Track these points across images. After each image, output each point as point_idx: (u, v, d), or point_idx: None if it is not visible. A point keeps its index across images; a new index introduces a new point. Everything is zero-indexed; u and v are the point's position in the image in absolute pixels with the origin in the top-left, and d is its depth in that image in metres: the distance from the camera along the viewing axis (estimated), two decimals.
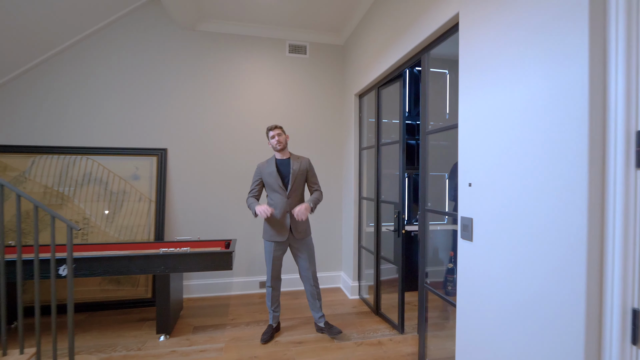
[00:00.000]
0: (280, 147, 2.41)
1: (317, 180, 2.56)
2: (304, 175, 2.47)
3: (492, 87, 1.39)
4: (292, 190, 2.42)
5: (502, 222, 1.33)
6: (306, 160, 2.52)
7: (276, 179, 2.40)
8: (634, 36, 0.93)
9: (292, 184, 2.41)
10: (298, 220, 2.36)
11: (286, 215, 2.40)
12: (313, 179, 2.53)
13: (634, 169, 0.94)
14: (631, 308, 0.93)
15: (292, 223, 2.41)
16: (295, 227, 2.41)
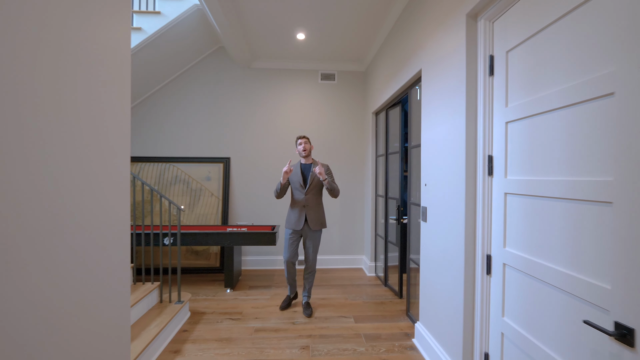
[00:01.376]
0: (306, 154, 2.91)
1: (335, 181, 3.06)
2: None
3: (434, 122, 2.18)
4: (310, 188, 2.90)
5: (439, 208, 2.11)
6: (325, 166, 3.01)
7: (299, 178, 2.91)
8: (487, 103, 1.69)
9: (310, 183, 2.90)
10: (316, 173, 2.74)
11: (303, 209, 2.91)
12: (331, 179, 2.97)
13: (487, 176, 1.70)
14: (486, 254, 1.70)
15: (308, 216, 2.90)
16: (311, 219, 2.90)
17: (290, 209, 2.97)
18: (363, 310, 3.01)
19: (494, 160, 1.66)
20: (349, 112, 4.47)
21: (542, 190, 1.30)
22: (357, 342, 2.43)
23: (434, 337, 2.18)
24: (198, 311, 2.97)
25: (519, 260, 1.44)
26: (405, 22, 2.81)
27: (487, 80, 1.69)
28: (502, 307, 1.59)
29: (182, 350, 2.29)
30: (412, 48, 2.62)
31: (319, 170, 2.72)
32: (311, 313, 2.92)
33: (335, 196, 2.89)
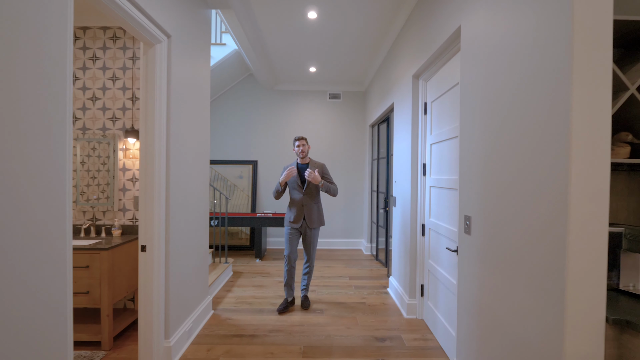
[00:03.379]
0: (302, 156, 2.95)
1: (332, 180, 3.07)
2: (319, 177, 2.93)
3: (398, 140, 3.26)
4: (308, 188, 2.95)
5: (401, 198, 3.20)
6: (321, 165, 3.02)
7: (296, 179, 2.95)
8: (422, 131, 2.77)
9: (307, 183, 2.93)
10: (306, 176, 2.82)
11: (302, 208, 2.96)
12: (328, 177, 3.03)
13: (422, 176, 2.78)
14: (422, 224, 2.78)
15: (306, 215, 2.95)
16: (309, 217, 2.95)
17: (288, 208, 3.03)
18: (356, 274, 4.11)
19: (426, 166, 2.74)
20: (352, 124, 5.57)
21: (441, 183, 2.38)
22: (349, 289, 3.54)
23: (397, 281, 3.28)
24: (238, 271, 4.16)
25: (433, 224, 2.53)
26: (388, 62, 3.89)
27: (422, 117, 2.77)
28: (428, 254, 2.68)
29: (232, 289, 3.48)
30: (390, 85, 3.70)
31: (310, 174, 2.80)
32: (309, 305, 3.03)
33: (333, 195, 2.99)
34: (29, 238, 1.06)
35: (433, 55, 2.35)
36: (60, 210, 1.18)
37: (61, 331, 1.18)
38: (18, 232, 1.02)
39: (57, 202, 1.16)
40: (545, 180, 1.20)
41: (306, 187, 2.95)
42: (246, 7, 3.00)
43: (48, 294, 1.13)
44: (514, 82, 1.39)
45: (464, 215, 1.86)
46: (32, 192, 1.07)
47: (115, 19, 1.63)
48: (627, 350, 1.12)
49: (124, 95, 2.58)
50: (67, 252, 1.20)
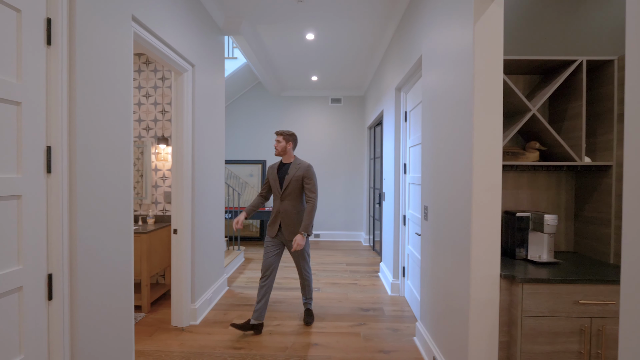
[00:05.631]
0: (276, 153, 2.53)
1: (314, 189, 2.47)
2: (299, 181, 2.47)
3: (386, 143, 3.75)
4: (286, 194, 2.49)
5: (389, 193, 3.69)
6: (305, 166, 2.50)
7: (275, 181, 2.55)
8: (403, 136, 3.25)
9: (284, 188, 2.48)
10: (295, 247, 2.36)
11: (278, 216, 2.51)
12: (308, 186, 2.47)
13: (403, 174, 3.26)
14: (403, 215, 3.27)
15: (283, 225, 2.51)
16: (286, 228, 2.50)
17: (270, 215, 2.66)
18: (353, 261, 4.62)
19: (406, 165, 3.22)
20: (352, 126, 6.05)
21: (415, 180, 2.87)
22: (344, 273, 4.06)
23: (385, 265, 3.77)
24: (249, 257, 4.73)
25: (411, 215, 3.02)
26: (379, 74, 4.37)
27: (404, 124, 3.25)
28: (407, 240, 3.17)
29: (244, 272, 4.04)
30: (380, 93, 4.18)
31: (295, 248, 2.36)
32: (312, 321, 2.64)
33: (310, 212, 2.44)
34: (115, 224, 1.61)
35: (408, 73, 2.83)
36: (129, 203, 1.73)
37: (128, 291, 1.74)
38: (115, 220, 1.58)
39: (127, 196, 1.71)
40: (461, 177, 1.69)
41: (284, 192, 2.50)
42: (254, 33, 3.52)
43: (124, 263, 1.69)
44: (448, 108, 1.88)
45: (423, 206, 2.34)
46: (118, 190, 1.62)
47: (156, 58, 2.18)
48: (514, 296, 1.60)
49: (155, 109, 3.15)
50: (131, 235, 1.76)
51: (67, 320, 1.34)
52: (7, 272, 1.14)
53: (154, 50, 2.05)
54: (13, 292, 1.17)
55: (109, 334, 1.59)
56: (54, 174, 1.30)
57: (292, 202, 2.51)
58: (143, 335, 2.44)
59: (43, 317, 1.28)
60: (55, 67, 1.30)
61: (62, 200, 1.31)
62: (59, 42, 1.31)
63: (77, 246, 1.38)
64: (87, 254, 1.43)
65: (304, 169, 2.50)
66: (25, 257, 1.20)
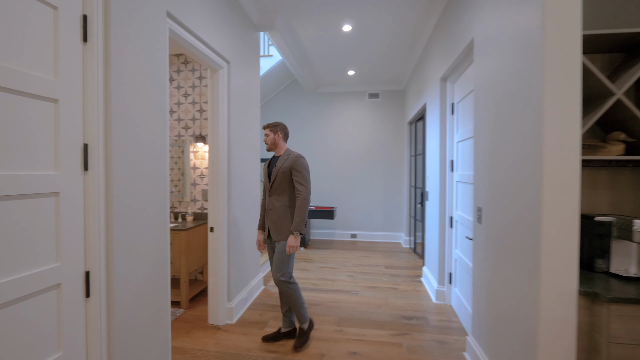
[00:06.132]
0: (267, 148, 2.34)
1: (304, 181, 2.21)
2: (286, 173, 2.24)
3: (430, 138, 3.49)
4: (273, 188, 2.28)
5: (433, 192, 3.44)
6: (293, 157, 2.25)
7: (265, 176, 2.38)
8: (450, 130, 2.99)
9: (272, 181, 2.28)
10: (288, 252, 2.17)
11: (266, 214, 2.33)
12: (296, 178, 2.22)
13: (450, 172, 3.00)
14: (450, 216, 3.02)
15: (268, 222, 2.30)
16: (271, 225, 2.26)
17: None
18: (392, 264, 4.41)
19: (453, 162, 2.96)
20: (391, 122, 5.80)
21: (464, 178, 2.62)
22: (383, 276, 3.86)
23: (429, 270, 3.53)
24: None
25: (459, 216, 2.76)
26: (421, 65, 4.10)
27: (450, 117, 2.99)
28: (455, 244, 2.91)
29: None
30: (422, 85, 3.92)
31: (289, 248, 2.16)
32: (300, 346, 2.26)
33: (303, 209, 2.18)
34: (152, 221, 1.59)
35: (455, 61, 2.58)
36: (165, 200, 1.71)
37: (165, 288, 1.72)
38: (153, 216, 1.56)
39: (163, 193, 1.69)
40: (526, 175, 1.45)
41: (272, 186, 2.29)
42: (289, 27, 3.44)
43: (161, 261, 1.67)
44: (509, 95, 1.64)
45: (476, 207, 2.10)
46: (154, 187, 1.60)
47: (192, 55, 2.16)
48: (596, 318, 1.34)
49: (193, 108, 3.19)
50: (167, 232, 1.73)
51: (104, 317, 1.33)
52: (46, 269, 1.13)
53: (188, 46, 2.02)
54: (51, 289, 1.16)
55: (146, 331, 1.57)
56: (90, 171, 1.28)
57: (279, 196, 2.27)
58: (181, 332, 2.45)
59: (81, 314, 1.27)
60: (91, 64, 1.28)
61: (98, 198, 1.30)
62: (95, 38, 1.29)
63: (114, 243, 1.36)
64: (123, 251, 1.42)
65: (292, 160, 2.24)
66: (63, 255, 1.19)
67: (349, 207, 5.93)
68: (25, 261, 1.08)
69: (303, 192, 2.20)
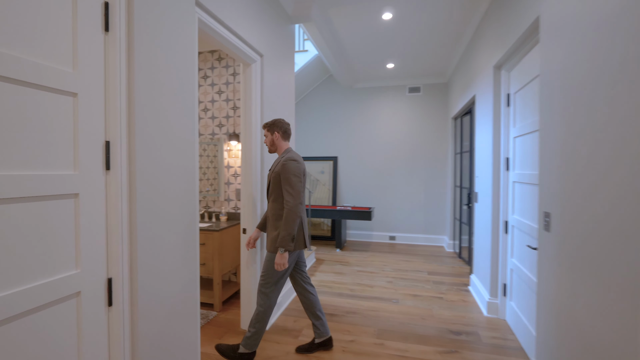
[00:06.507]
0: (269, 151, 2.13)
1: (291, 188, 1.92)
2: (277, 178, 2.00)
3: (480, 133, 3.14)
4: (269, 193, 2.07)
5: (483, 193, 3.09)
6: (283, 160, 1.99)
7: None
8: (505, 124, 2.64)
9: (267, 186, 2.11)
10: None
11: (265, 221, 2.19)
12: (284, 185, 1.95)
13: (505, 171, 2.66)
14: (504, 220, 2.67)
15: (265, 230, 2.21)
16: (267, 234, 2.08)
17: None
18: (436, 270, 4.08)
19: (509, 160, 2.61)
20: (433, 117, 5.43)
21: (524, 178, 2.28)
22: (426, 283, 3.57)
23: (479, 279, 3.18)
24: (320, 258, 4.54)
25: (517, 221, 2.42)
26: (469, 53, 3.73)
27: (505, 109, 2.65)
28: (511, 252, 2.57)
29: (315, 274, 3.85)
30: (471, 76, 3.56)
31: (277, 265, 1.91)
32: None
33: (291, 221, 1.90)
34: (179, 223, 1.50)
35: (514, 45, 2.25)
36: (194, 200, 1.61)
37: (193, 294, 1.62)
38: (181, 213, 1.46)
39: (192, 193, 1.59)
40: (629, 176, 1.15)
41: (268, 190, 2.09)
42: (325, 18, 3.27)
43: (189, 265, 1.57)
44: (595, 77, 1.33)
45: (543, 212, 1.79)
46: (182, 187, 1.50)
47: (222, 48, 2.06)
48: None
49: (227, 106, 3.13)
50: (196, 234, 1.64)
51: (127, 327, 1.24)
52: (64, 276, 1.06)
53: (219, 38, 1.91)
54: (71, 298, 1.08)
55: (173, 339, 1.48)
56: (112, 171, 1.20)
57: (273, 202, 2.04)
58: (213, 336, 2.38)
59: (103, 324, 1.19)
60: (113, 55, 1.19)
61: (121, 199, 1.21)
62: (117, 28, 1.20)
63: (138, 248, 1.27)
64: (148, 256, 1.32)
65: (282, 163, 1.97)
66: (83, 261, 1.11)
67: (387, 207, 5.65)
68: (42, 268, 1.00)
69: (290, 202, 1.91)
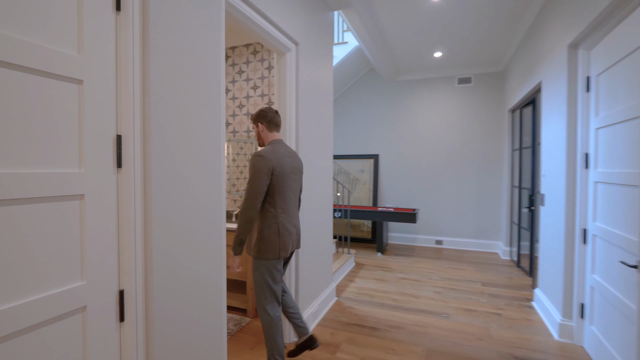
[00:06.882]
0: (258, 144, 1.95)
1: (248, 186, 1.67)
2: None
3: (550, 125, 2.69)
4: None
5: (552, 195, 2.64)
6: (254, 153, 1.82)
7: None
8: (584, 113, 2.20)
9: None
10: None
11: None
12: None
13: (584, 169, 2.21)
14: (582, 228, 2.23)
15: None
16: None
17: None
18: (491, 280, 3.64)
19: (589, 156, 2.17)
20: (485, 110, 4.90)
21: (612, 178, 1.85)
22: (481, 296, 3.16)
23: (546, 295, 2.73)
24: (360, 263, 4.28)
25: (601, 230, 1.99)
26: (533, 34, 3.24)
27: (584, 95, 2.20)
28: (592, 267, 2.13)
29: (354, 280, 3.60)
30: (536, 60, 3.08)
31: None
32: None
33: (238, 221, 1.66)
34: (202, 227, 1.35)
35: (598, 17, 1.82)
36: (219, 201, 1.45)
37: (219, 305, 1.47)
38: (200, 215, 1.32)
39: (217, 193, 1.44)
40: None
41: None
42: (366, 3, 3.00)
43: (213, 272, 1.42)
44: None
45: None
46: (205, 186, 1.36)
47: (253, 35, 1.89)
48: None
49: (262, 101, 3.00)
50: (222, 238, 1.48)
51: (141, 344, 1.10)
52: (66, 289, 0.93)
53: (249, 23, 1.74)
54: (75, 314, 0.96)
55: (195, 355, 1.33)
56: (125, 169, 1.06)
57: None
58: (244, 346, 2.24)
59: (113, 342, 1.06)
60: (126, 37, 1.05)
61: (134, 201, 1.07)
62: (130, 6, 1.06)
63: (153, 255, 1.13)
64: (164, 265, 1.18)
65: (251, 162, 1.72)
66: (90, 271, 0.98)
67: (433, 209, 5.23)
68: (41, 280, 0.88)
69: (243, 202, 1.67)
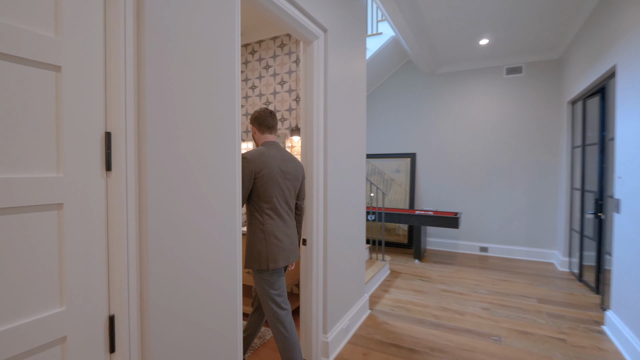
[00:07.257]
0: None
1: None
2: None
3: (628, 117, 2.23)
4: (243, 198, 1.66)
5: (633, 200, 2.19)
6: None
7: None
8: None
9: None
10: None
11: None
12: None
13: None
14: None
15: None
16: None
17: None
18: (548, 296, 3.17)
19: None
20: (539, 103, 4.36)
21: None
22: (538, 316, 2.74)
23: (622, 319, 2.26)
24: (395, 270, 3.96)
25: None
26: (601, 12, 2.75)
27: None
28: None
29: (389, 290, 3.31)
30: (608, 41, 2.59)
31: None
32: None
33: None
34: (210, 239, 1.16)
35: None
36: (234, 209, 1.26)
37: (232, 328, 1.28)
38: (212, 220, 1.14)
39: (232, 200, 1.25)
40: None
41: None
42: None
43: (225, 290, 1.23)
44: None
45: None
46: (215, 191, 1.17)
47: (277, 21, 1.69)
48: None
49: (289, 97, 2.81)
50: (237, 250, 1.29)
51: None
52: (39, 317, 0.77)
53: (268, 4, 1.54)
54: (51, 346, 0.80)
55: None
56: (115, 172, 0.89)
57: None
58: None
59: None
60: (116, 14, 0.88)
61: (126, 210, 0.90)
62: None
63: (149, 275, 0.95)
64: (163, 285, 1.00)
65: None
66: (70, 295, 0.82)
67: (477, 212, 4.76)
68: (7, 308, 0.72)
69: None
